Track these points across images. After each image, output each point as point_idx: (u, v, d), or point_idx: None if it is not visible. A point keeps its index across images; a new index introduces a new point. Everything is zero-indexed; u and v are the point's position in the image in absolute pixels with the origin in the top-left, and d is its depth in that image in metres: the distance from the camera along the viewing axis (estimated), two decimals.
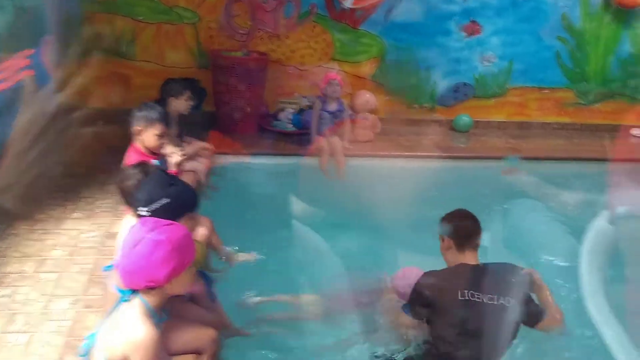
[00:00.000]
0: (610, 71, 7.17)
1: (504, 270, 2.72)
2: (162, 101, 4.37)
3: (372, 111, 6.11)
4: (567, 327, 2.63)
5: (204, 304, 2.73)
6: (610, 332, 2.45)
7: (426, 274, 2.77)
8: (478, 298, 2.56)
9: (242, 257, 3.89)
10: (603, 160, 6.15)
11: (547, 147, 6.58)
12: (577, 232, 3.35)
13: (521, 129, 7.13)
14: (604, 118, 7.31)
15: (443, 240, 2.81)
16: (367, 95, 6.11)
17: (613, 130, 7.24)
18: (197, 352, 2.58)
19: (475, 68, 6.88)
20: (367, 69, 6.63)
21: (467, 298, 2.56)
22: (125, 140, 3.52)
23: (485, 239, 2.65)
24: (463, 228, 2.77)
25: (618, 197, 3.73)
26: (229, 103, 5.88)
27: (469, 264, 2.70)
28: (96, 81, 5.36)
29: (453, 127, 6.86)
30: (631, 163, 6.25)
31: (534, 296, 2.71)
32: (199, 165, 4.53)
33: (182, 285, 2.14)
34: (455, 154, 6.07)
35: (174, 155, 3.52)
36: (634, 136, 7.20)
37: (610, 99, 7.27)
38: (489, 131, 6.97)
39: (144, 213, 2.35)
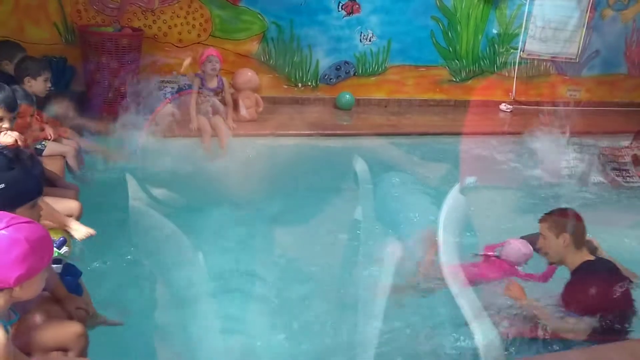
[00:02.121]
0: (480, 50, 7.61)
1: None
2: (15, 80, 3.97)
3: (255, 90, 6.02)
4: None
5: (64, 297, 2.54)
6: (462, 294, 2.61)
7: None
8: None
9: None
10: (475, 134, 6.60)
11: (424, 123, 6.88)
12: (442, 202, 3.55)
13: (400, 106, 7.38)
14: (475, 94, 7.75)
15: (557, 238, 3.02)
16: (249, 74, 6.01)
17: (484, 105, 7.74)
18: (64, 349, 2.41)
19: (355, 47, 7.00)
20: (249, 46, 6.51)
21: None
22: None
23: (358, 212, 2.71)
24: (581, 227, 3.04)
25: (467, 168, 4.00)
26: (101, 82, 5.51)
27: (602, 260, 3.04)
28: None
29: (336, 105, 6.95)
30: (500, 135, 6.75)
31: None
32: (66, 148, 4.21)
33: (33, 290, 1.96)
34: (338, 132, 6.17)
35: (5, 136, 3.15)
36: (503, 110, 7.73)
37: (480, 76, 7.73)
38: (370, 108, 7.15)
39: None
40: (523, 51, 7.80)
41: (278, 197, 4.06)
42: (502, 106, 7.75)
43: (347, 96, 6.93)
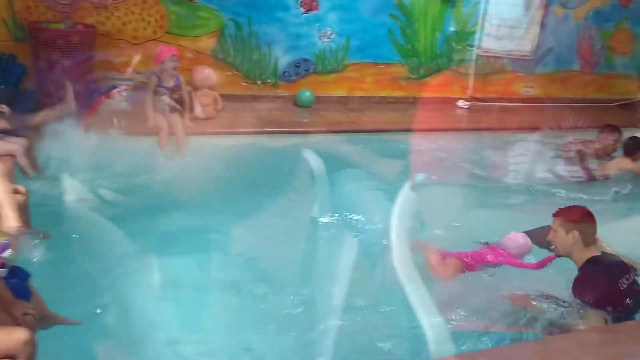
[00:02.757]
0: (438, 47, 7.71)
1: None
2: None
3: (213, 87, 5.96)
4: None
5: (10, 302, 2.46)
6: (413, 288, 2.66)
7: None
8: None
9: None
10: (432, 130, 6.71)
11: (383, 119, 6.94)
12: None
13: (360, 103, 7.42)
14: (433, 91, 7.86)
15: (567, 234, 3.15)
16: (207, 71, 5.95)
17: (442, 102, 7.85)
18: (10, 357, 2.34)
19: (314, 44, 7.00)
20: (206, 43, 6.43)
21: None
22: None
23: (316, 209, 2.72)
24: (592, 226, 3.19)
25: (421, 165, 4.07)
26: (52, 80, 5.36)
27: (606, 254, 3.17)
28: None
29: (296, 103, 6.93)
30: (457, 132, 6.87)
31: None
32: (14, 147, 4.08)
33: None
34: (298, 129, 6.16)
35: None
36: (460, 107, 7.85)
37: (438, 73, 7.83)
38: (330, 106, 7.16)
39: None
40: (479, 49, 7.93)
41: (234, 196, 4.04)
42: (460, 103, 7.87)
43: (307, 93, 6.93)
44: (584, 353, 2.43)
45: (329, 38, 7.03)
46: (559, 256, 3.35)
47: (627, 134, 6.45)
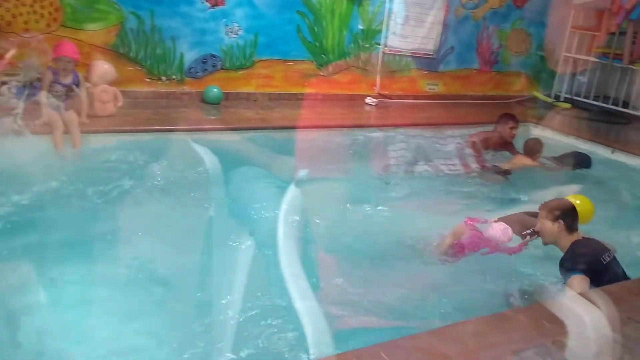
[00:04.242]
0: (345, 45, 7.83)
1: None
2: None
3: (113, 83, 5.71)
4: None
5: None
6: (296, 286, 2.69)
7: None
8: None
9: None
10: (341, 127, 6.81)
11: (293, 116, 6.94)
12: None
13: (270, 100, 7.40)
14: (342, 88, 7.98)
15: (553, 223, 3.57)
16: (106, 66, 5.69)
17: (350, 99, 7.99)
18: None
19: (221, 40, 6.89)
20: (106, 37, 6.16)
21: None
22: None
23: (212, 206, 2.67)
24: (575, 215, 3.61)
25: (302, 161, 4.14)
26: None
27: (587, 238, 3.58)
28: None
29: (203, 100, 6.80)
30: (364, 128, 7.01)
31: None
32: None
33: None
34: (205, 127, 6.04)
35: None
36: (368, 104, 8.02)
37: (346, 70, 7.96)
38: (240, 102, 7.09)
39: None
40: (386, 47, 8.14)
41: (132, 197, 3.88)
42: (368, 100, 8.04)
43: (215, 90, 6.81)
44: (452, 346, 2.52)
45: (236, 34, 6.95)
46: (545, 244, 3.75)
47: (521, 130, 6.88)
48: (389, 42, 8.15)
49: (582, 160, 6.41)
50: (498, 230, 4.01)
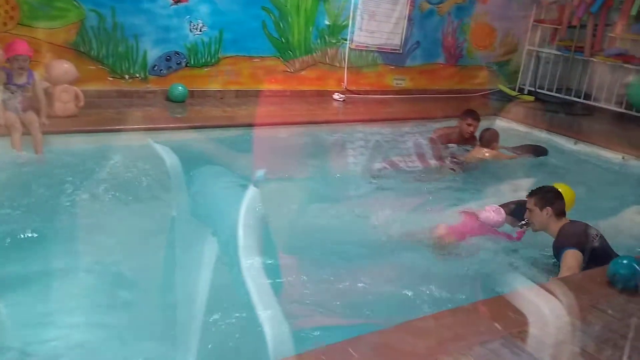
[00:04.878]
0: (312, 41, 7.80)
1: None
2: None
3: (73, 82, 5.57)
4: None
5: None
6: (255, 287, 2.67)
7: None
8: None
9: None
10: (308, 123, 6.79)
11: (261, 113, 6.88)
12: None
13: (237, 97, 7.33)
14: (310, 84, 7.95)
15: (542, 210, 3.75)
16: (66, 65, 5.54)
17: (318, 95, 7.98)
18: None
19: (186, 36, 6.79)
20: (65, 36, 6.00)
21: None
22: None
23: (174, 206, 2.62)
24: (562, 201, 3.79)
25: (266, 159, 4.12)
26: None
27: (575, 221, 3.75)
28: None
29: (168, 98, 6.69)
30: (332, 124, 7.01)
31: None
32: None
33: None
34: (170, 125, 5.94)
35: None
36: (336, 100, 8.02)
37: (313, 66, 7.93)
38: (206, 100, 7.00)
39: None
40: (352, 42, 8.14)
41: (92, 198, 3.79)
42: (335, 95, 8.04)
43: (180, 88, 6.71)
44: (419, 339, 2.53)
45: (200, 31, 6.86)
46: (535, 231, 3.89)
47: (486, 123, 6.98)
48: (356, 38, 8.15)
49: (538, 148, 6.70)
50: (491, 211, 4.19)
